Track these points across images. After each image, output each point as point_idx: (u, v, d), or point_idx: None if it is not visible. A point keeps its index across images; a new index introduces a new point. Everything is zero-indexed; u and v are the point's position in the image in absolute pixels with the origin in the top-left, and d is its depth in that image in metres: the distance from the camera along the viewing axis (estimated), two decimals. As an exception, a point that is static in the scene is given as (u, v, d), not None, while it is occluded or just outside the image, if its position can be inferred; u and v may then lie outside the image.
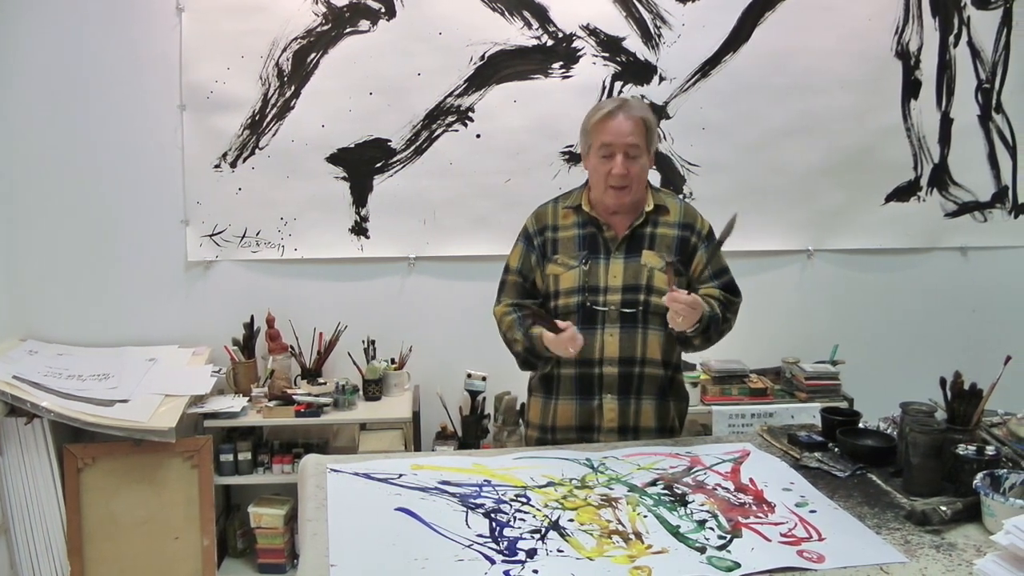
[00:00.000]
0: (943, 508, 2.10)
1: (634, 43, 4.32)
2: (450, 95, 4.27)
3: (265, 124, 4.22)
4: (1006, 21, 4.54)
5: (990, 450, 2.32)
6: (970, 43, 4.54)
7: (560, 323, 2.64)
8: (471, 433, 4.27)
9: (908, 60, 4.50)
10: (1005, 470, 2.18)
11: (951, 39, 4.52)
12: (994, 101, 4.62)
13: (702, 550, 1.97)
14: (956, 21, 4.51)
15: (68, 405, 3.70)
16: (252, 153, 4.25)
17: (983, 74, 4.58)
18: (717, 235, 2.71)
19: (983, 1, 4.51)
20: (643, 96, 4.33)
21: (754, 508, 2.23)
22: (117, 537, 3.86)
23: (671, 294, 2.59)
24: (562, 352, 2.67)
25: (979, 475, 2.12)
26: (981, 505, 2.08)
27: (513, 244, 2.98)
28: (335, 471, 2.42)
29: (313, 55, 4.19)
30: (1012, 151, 4.67)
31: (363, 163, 4.30)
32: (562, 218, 2.89)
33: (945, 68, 4.54)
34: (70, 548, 3.79)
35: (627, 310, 2.77)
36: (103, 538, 3.85)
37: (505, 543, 2.01)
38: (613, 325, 2.78)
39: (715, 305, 2.77)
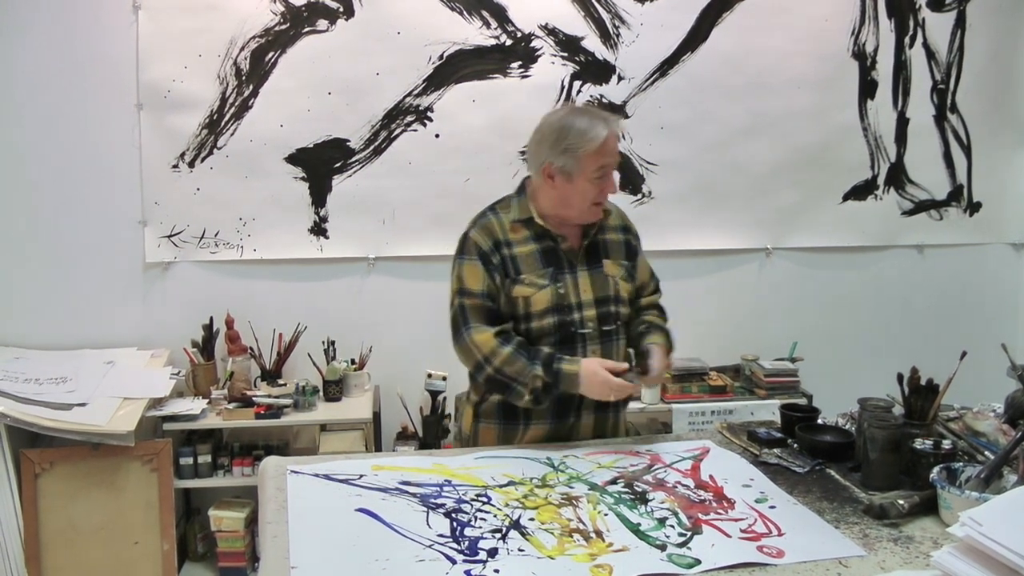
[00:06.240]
0: (901, 502, 2.12)
1: (593, 43, 4.32)
2: (409, 95, 4.26)
3: (223, 124, 4.19)
4: (960, 23, 4.59)
5: (946, 444, 2.35)
6: (925, 44, 4.59)
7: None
8: (432, 433, 4.26)
9: (864, 61, 4.54)
10: (961, 464, 2.20)
11: (906, 40, 4.58)
12: (949, 101, 4.68)
13: (663, 547, 1.98)
14: (911, 23, 4.56)
15: (25, 409, 3.65)
16: (210, 153, 4.21)
17: (938, 75, 4.63)
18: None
19: (937, 3, 4.56)
20: (601, 96, 4.35)
21: (714, 505, 2.24)
22: (75, 543, 3.80)
23: (652, 380, 2.66)
24: (601, 395, 2.57)
25: (936, 469, 2.15)
26: (938, 498, 2.11)
27: (458, 263, 2.71)
28: (295, 473, 2.40)
29: (271, 54, 4.17)
30: (967, 150, 4.73)
31: (322, 163, 4.28)
32: (511, 232, 2.69)
33: (901, 69, 4.59)
34: (27, 555, 3.74)
35: (606, 328, 2.70)
36: (61, 544, 3.80)
37: (466, 543, 2.00)
38: (594, 343, 2.68)
39: (663, 325, 2.82)
